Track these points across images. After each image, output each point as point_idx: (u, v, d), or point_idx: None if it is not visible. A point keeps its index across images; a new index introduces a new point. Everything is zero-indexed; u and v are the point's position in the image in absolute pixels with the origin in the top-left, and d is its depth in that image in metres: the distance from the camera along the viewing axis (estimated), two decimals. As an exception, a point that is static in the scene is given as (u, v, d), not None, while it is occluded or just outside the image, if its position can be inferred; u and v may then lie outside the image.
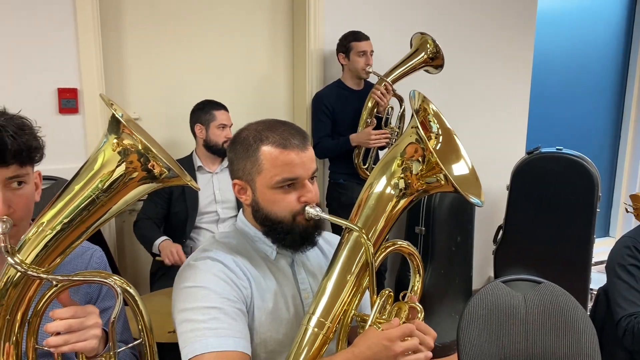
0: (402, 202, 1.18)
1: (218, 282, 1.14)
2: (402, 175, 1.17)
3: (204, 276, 1.15)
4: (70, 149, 2.51)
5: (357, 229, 1.14)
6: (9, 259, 0.91)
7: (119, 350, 1.04)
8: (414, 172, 1.16)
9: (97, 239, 1.50)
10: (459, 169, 1.23)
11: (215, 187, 2.65)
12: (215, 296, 1.12)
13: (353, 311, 1.16)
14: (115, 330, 1.02)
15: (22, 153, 1.02)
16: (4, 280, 0.96)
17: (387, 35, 3.17)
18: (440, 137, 1.25)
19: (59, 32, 2.45)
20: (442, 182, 1.13)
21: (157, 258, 2.45)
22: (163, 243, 2.44)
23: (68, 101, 2.49)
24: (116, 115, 0.92)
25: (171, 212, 2.59)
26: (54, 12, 2.43)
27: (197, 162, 2.66)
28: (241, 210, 1.30)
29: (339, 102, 2.91)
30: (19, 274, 0.94)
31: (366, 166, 2.95)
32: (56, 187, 2.38)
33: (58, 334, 0.97)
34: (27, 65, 2.42)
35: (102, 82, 2.57)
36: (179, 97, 2.87)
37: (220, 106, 2.64)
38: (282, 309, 1.21)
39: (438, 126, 1.25)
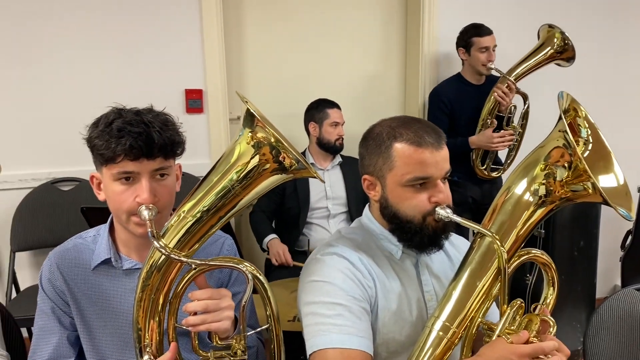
0: (541, 211, 1.12)
1: (344, 280, 1.15)
2: (544, 181, 1.10)
3: (331, 272, 1.16)
4: (195, 146, 2.69)
5: (491, 234, 1.09)
6: (155, 242, 0.99)
7: (248, 333, 1.09)
8: (557, 178, 1.09)
9: (226, 228, 1.60)
10: (608, 179, 1.14)
11: (326, 184, 2.70)
12: (341, 293, 1.13)
13: (480, 319, 1.12)
14: (245, 314, 1.07)
15: (167, 147, 1.10)
16: (150, 262, 1.04)
17: (510, 28, 3.02)
18: (590, 144, 1.17)
19: (187, 38, 2.65)
20: (590, 192, 1.06)
21: (267, 255, 2.56)
22: (271, 241, 2.55)
23: (194, 101, 2.67)
24: (251, 110, 0.97)
25: (284, 207, 2.68)
26: (182, 21, 2.63)
27: (310, 159, 2.73)
28: (367, 206, 1.30)
29: (458, 97, 2.83)
30: (162, 257, 1.02)
31: (484, 166, 2.84)
32: (183, 182, 2.57)
33: (195, 314, 1.04)
34: (158, 68, 2.64)
35: (224, 83, 2.73)
36: (294, 96, 2.96)
37: (333, 104, 2.69)
38: (405, 310, 1.20)
39: (588, 132, 1.17)
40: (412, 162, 1.14)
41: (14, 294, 2.51)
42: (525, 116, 2.81)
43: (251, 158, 0.97)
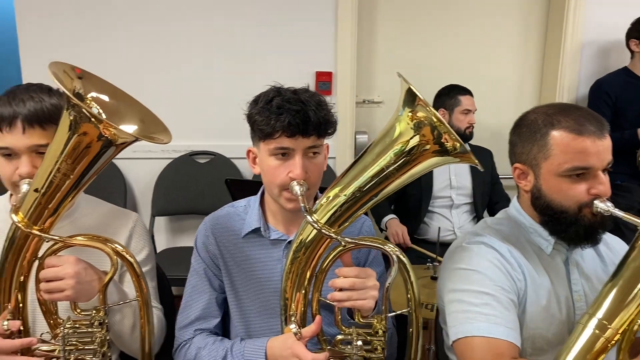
0: None
1: (493, 270, 1.12)
2: None
3: (479, 261, 1.14)
4: (322, 127, 2.75)
5: None
6: (307, 217, 1.03)
7: (390, 314, 1.10)
8: None
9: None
10: None
11: (451, 173, 2.63)
12: (489, 282, 1.10)
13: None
14: (388, 295, 1.08)
15: (321, 126, 1.13)
16: (300, 238, 1.08)
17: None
18: None
19: (321, 23, 2.71)
20: None
21: (384, 233, 2.56)
22: (390, 221, 2.54)
23: (324, 83, 2.73)
24: (412, 90, 0.96)
25: (406, 194, 2.65)
26: (318, 7, 2.69)
27: (436, 146, 2.67)
28: (515, 197, 1.26)
29: (624, 91, 2.65)
30: (312, 233, 1.06)
31: None
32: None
33: (341, 290, 1.06)
34: (291, 50, 2.72)
35: (354, 68, 2.75)
36: (422, 81, 2.90)
37: (466, 91, 2.60)
38: (554, 307, 1.15)
39: None
40: (571, 150, 1.08)
41: (151, 255, 2.74)
42: None
43: (411, 138, 0.96)
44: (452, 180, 2.63)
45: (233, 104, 2.71)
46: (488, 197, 2.69)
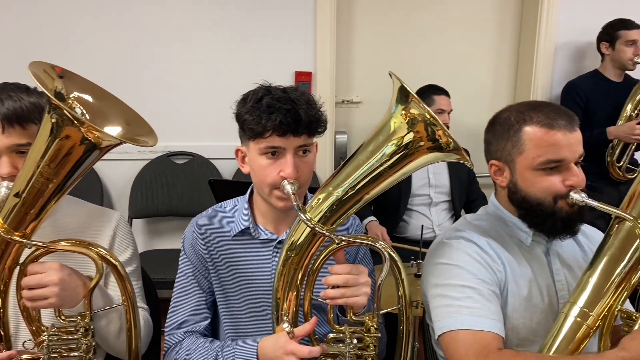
0: None
1: (473, 263, 1.14)
2: None
3: (459, 255, 1.16)
4: (302, 127, 2.74)
5: (632, 218, 1.06)
6: (301, 215, 1.02)
7: (382, 311, 1.10)
8: None
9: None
10: None
11: (430, 171, 2.65)
12: (469, 276, 1.13)
13: (619, 307, 1.08)
14: (380, 293, 1.08)
15: (312, 125, 1.12)
16: (292, 239, 1.07)
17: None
18: None
19: (300, 23, 2.71)
20: None
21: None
22: (370, 223, 2.54)
23: (303, 84, 2.72)
24: (405, 87, 0.96)
25: (386, 191, 2.65)
26: (297, 6, 2.69)
27: (414, 146, 2.69)
28: (493, 194, 1.28)
29: (595, 93, 2.73)
30: (306, 230, 1.05)
31: (620, 164, 2.71)
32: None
33: (334, 287, 1.06)
34: (270, 49, 2.71)
35: (333, 68, 2.76)
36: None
37: (442, 91, 2.61)
38: (536, 296, 1.17)
39: None
40: (544, 144, 1.12)
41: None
42: None
43: (405, 135, 0.96)
44: (431, 179, 2.65)
45: (211, 104, 2.71)
46: (465, 195, 2.72)
